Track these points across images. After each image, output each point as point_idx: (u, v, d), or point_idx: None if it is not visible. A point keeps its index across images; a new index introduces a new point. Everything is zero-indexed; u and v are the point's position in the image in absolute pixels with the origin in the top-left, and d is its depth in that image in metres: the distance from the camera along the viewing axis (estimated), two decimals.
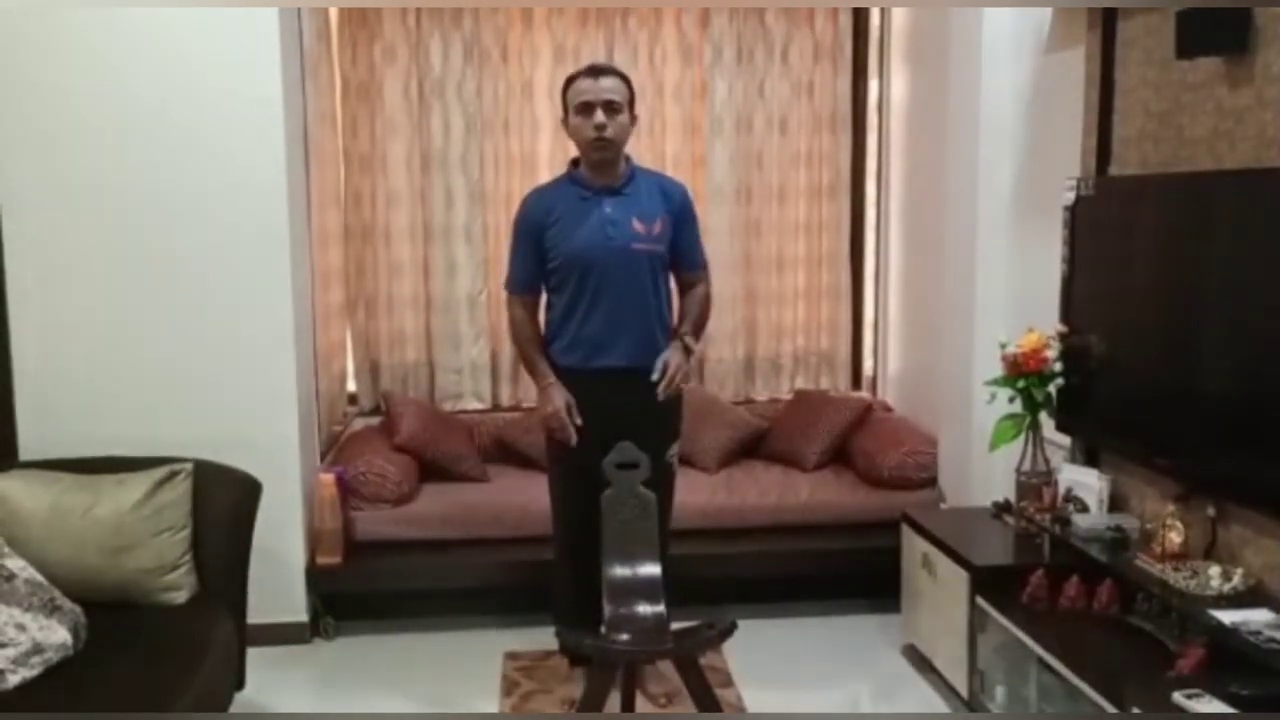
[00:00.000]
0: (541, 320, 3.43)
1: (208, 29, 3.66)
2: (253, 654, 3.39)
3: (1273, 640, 2.43)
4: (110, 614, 2.95)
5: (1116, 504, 3.31)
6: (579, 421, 3.27)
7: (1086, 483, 3.33)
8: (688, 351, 3.34)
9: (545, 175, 4.64)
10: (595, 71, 3.27)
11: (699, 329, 3.44)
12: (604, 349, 3.29)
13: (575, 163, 3.38)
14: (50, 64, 3.62)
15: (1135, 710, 2.47)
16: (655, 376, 3.24)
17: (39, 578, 2.85)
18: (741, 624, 3.04)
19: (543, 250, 3.32)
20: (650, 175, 3.47)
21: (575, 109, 3.25)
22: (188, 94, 3.68)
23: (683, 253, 3.41)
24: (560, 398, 3.29)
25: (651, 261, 3.33)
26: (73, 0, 3.60)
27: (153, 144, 3.69)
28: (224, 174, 3.72)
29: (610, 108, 3.22)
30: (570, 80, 3.30)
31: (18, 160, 3.64)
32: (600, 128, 3.20)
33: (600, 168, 3.29)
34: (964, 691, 3.34)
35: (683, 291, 3.47)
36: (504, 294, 3.47)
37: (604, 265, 3.27)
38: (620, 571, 3.06)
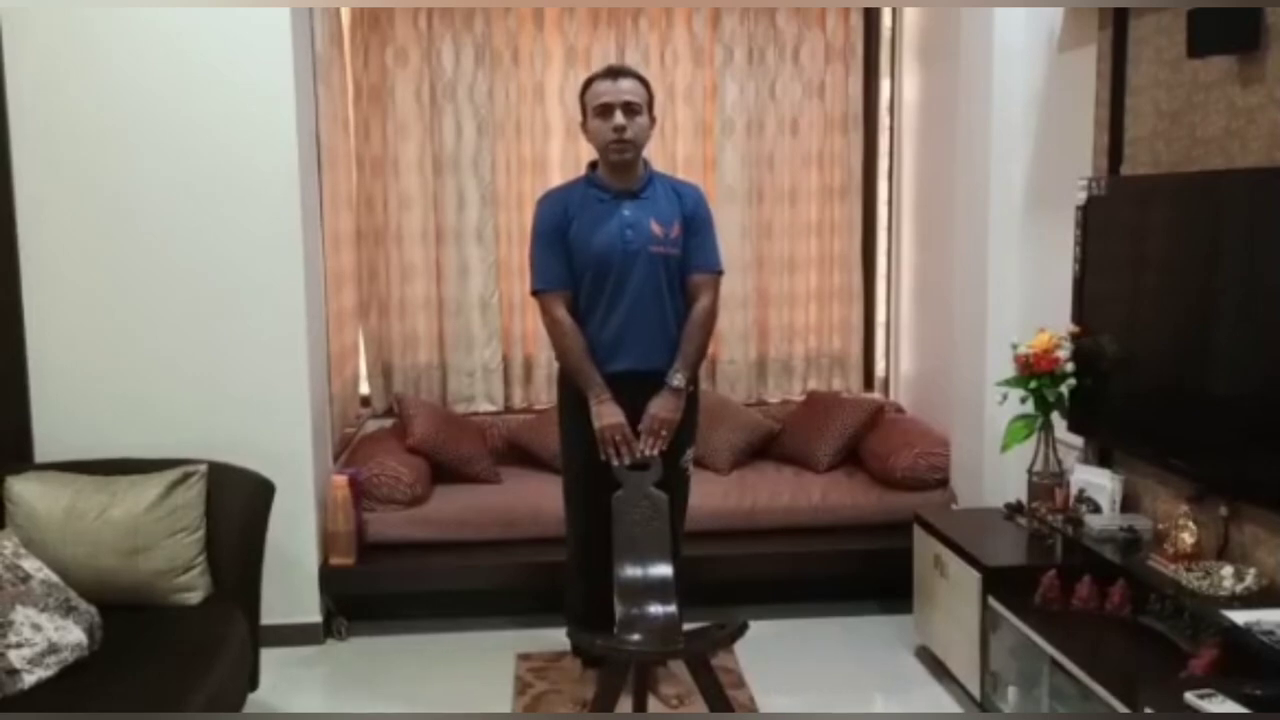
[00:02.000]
0: None
1: (219, 31, 3.68)
2: (266, 654, 3.42)
3: None
4: (125, 614, 2.97)
5: (1129, 504, 3.30)
6: (638, 449, 3.19)
7: (1099, 483, 3.32)
8: (676, 391, 3.24)
9: (557, 177, 4.66)
10: (614, 73, 3.24)
11: (692, 363, 3.30)
12: (621, 352, 3.27)
13: (593, 165, 3.37)
14: (62, 67, 3.64)
15: (1148, 711, 2.46)
16: (640, 453, 3.17)
17: (55, 578, 2.87)
18: (753, 625, 3.05)
19: (568, 247, 3.29)
20: (666, 179, 3.45)
21: (594, 111, 3.23)
22: (199, 97, 3.70)
23: (688, 254, 3.33)
24: (620, 415, 3.19)
25: (668, 264, 3.30)
26: (85, 1, 3.62)
27: (164, 147, 3.71)
28: (236, 177, 3.74)
29: (629, 109, 3.20)
30: (588, 83, 3.28)
31: (32, 164, 3.66)
32: (619, 129, 3.19)
33: (619, 170, 3.28)
34: (976, 692, 3.33)
35: (688, 299, 3.35)
36: (536, 298, 3.35)
37: (622, 268, 3.25)
38: (632, 572, 3.07)
